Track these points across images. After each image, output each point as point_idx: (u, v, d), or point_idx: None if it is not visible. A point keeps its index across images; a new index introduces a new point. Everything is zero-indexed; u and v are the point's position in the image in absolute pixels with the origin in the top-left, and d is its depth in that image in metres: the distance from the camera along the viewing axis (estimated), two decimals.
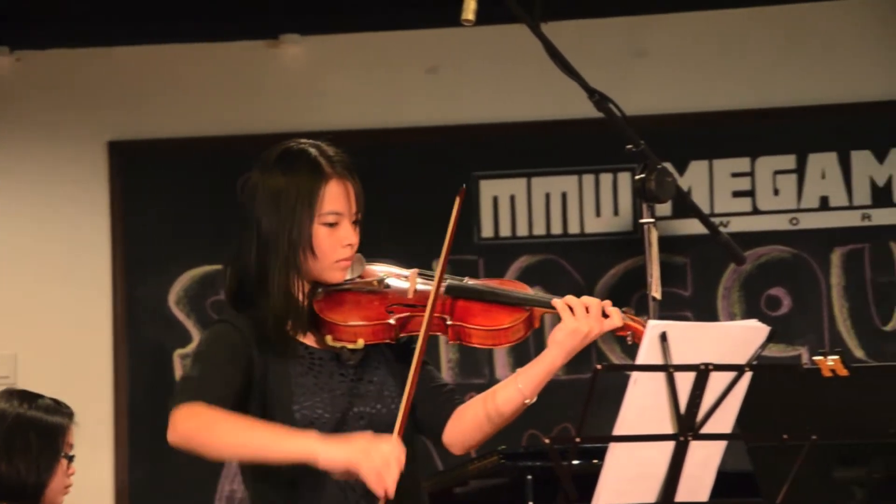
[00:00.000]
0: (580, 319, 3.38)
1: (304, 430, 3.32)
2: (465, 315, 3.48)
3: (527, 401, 3.42)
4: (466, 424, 3.52)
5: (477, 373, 6.11)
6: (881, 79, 6.08)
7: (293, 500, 3.47)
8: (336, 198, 3.42)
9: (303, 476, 3.42)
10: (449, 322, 3.46)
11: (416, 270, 3.52)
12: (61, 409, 4.52)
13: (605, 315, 3.39)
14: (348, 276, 3.48)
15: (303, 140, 3.51)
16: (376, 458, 3.19)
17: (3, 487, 4.47)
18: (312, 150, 3.46)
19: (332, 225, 3.41)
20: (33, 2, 6.12)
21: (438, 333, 3.47)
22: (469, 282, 3.55)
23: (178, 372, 6.25)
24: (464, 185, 3.39)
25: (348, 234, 3.42)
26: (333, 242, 3.42)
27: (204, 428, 3.30)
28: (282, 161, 3.47)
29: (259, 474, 3.49)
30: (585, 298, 3.41)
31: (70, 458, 4.47)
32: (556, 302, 3.42)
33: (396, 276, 3.51)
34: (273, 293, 3.42)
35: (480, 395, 3.51)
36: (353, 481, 3.38)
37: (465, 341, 3.52)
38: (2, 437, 4.48)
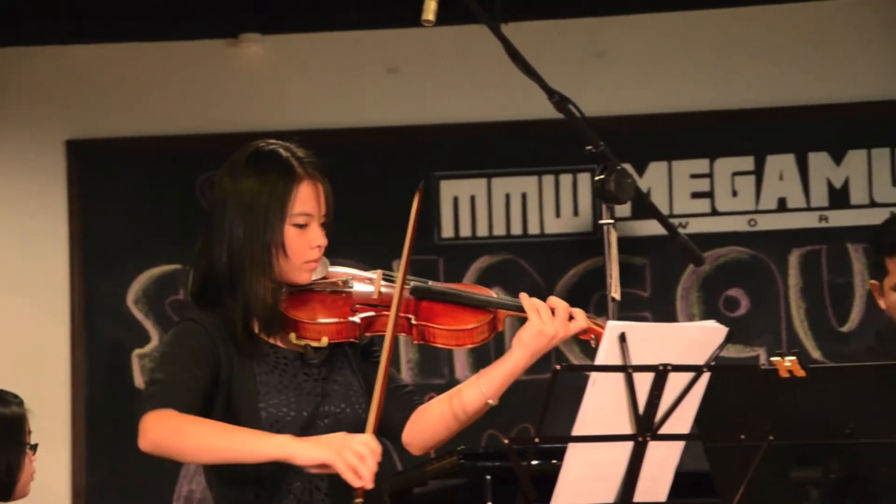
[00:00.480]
0: (547, 322, 3.40)
1: (276, 432, 3.34)
2: (430, 315, 3.50)
3: (489, 402, 3.45)
4: (427, 425, 3.54)
5: (437, 373, 6.14)
6: (837, 82, 6.12)
7: (259, 502, 3.49)
8: (307, 199, 3.44)
9: (268, 478, 3.45)
10: (414, 322, 3.49)
11: (380, 272, 3.53)
12: (13, 400, 4.54)
13: (570, 318, 3.42)
14: (314, 278, 3.50)
15: (272, 141, 3.53)
16: (350, 454, 3.20)
17: None
18: (283, 152, 3.48)
19: (302, 226, 3.43)
20: None
21: (403, 334, 3.48)
22: (434, 284, 3.56)
23: (137, 371, 6.25)
24: (422, 182, 3.40)
25: (317, 236, 3.45)
26: (303, 243, 3.44)
27: (176, 434, 3.30)
28: (252, 162, 3.48)
29: (225, 477, 3.50)
30: (552, 300, 3.43)
31: (34, 448, 4.51)
32: (525, 303, 3.44)
33: (361, 279, 3.53)
34: (243, 293, 3.43)
35: (442, 395, 3.54)
36: (319, 480, 3.42)
37: (429, 341, 3.53)
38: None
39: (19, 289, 6.32)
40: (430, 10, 3.55)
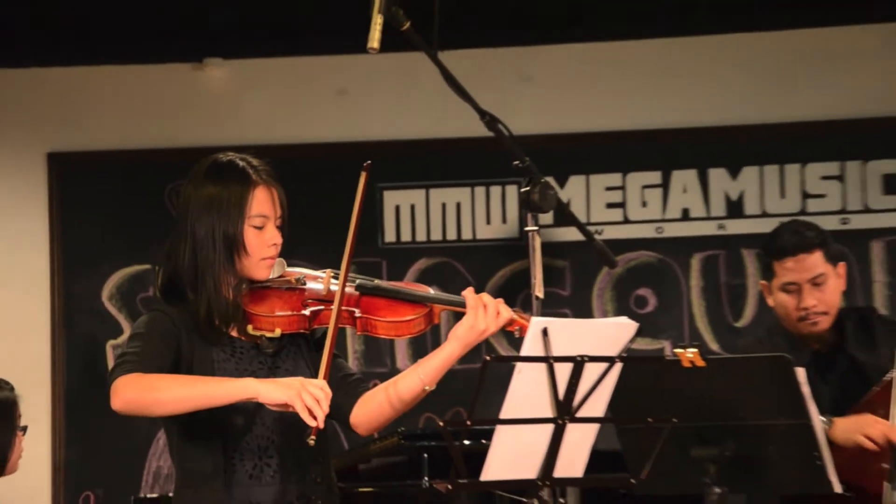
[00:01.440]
0: (479, 318, 3.43)
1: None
2: (372, 309, 3.51)
3: (427, 388, 3.46)
4: (372, 409, 3.54)
5: (380, 363, 6.14)
6: (733, 106, 6.17)
7: (214, 477, 3.46)
8: (262, 202, 3.47)
9: (224, 455, 3.46)
10: (357, 315, 3.50)
11: (329, 271, 3.54)
12: (4, 386, 4.53)
13: (499, 315, 3.45)
14: (272, 276, 3.53)
15: (230, 153, 3.54)
16: (308, 396, 3.24)
17: None
18: (240, 162, 3.50)
19: (259, 228, 3.46)
20: None
21: (347, 325, 3.51)
22: (378, 282, 3.58)
23: (111, 360, 5.86)
24: (368, 161, 3.49)
25: (273, 235, 3.48)
26: (260, 242, 3.45)
27: (147, 390, 3.31)
28: (212, 171, 3.51)
29: (185, 454, 3.49)
30: (485, 297, 3.45)
31: (24, 429, 4.52)
32: (469, 299, 3.45)
33: (313, 277, 3.55)
34: (206, 288, 3.44)
35: (384, 383, 3.53)
36: (268, 458, 3.46)
37: (370, 332, 3.54)
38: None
39: (4, 287, 6.31)
40: (374, 39, 3.60)
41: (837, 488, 3.99)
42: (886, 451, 4.09)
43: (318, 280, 3.58)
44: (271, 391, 3.29)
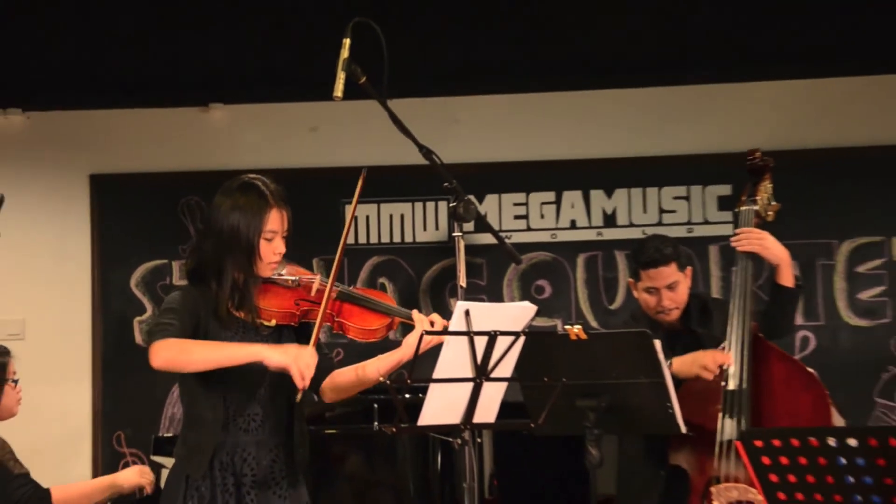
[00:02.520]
0: (422, 329, 3.41)
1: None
2: (347, 315, 3.52)
3: (381, 378, 3.50)
4: (337, 384, 3.58)
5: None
6: (609, 143, 6.17)
7: (214, 424, 3.46)
8: (274, 221, 3.47)
9: (221, 407, 3.47)
10: (336, 318, 3.52)
11: (319, 277, 3.55)
12: (2, 351, 4.33)
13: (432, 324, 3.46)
14: (273, 274, 3.52)
15: (254, 175, 3.55)
16: (301, 362, 3.27)
17: None
18: (261, 185, 3.50)
19: (269, 240, 3.46)
20: (40, 74, 6.08)
21: (327, 323, 3.51)
22: (354, 290, 3.58)
23: (137, 333, 6.17)
24: (364, 169, 3.52)
25: (279, 246, 3.48)
26: (269, 251, 3.46)
27: (182, 352, 3.32)
28: (241, 189, 3.50)
29: (194, 401, 3.50)
30: (434, 316, 3.48)
31: (15, 381, 4.33)
32: (416, 318, 3.48)
33: (305, 281, 3.54)
34: (225, 280, 3.45)
35: (350, 367, 3.57)
36: (255, 413, 3.47)
37: (344, 333, 3.56)
38: None
39: (56, 278, 6.25)
40: (339, 89, 3.60)
41: (683, 430, 4.03)
42: (719, 397, 4.12)
43: (310, 284, 3.55)
44: (274, 356, 3.30)
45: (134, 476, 4.34)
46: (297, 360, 3.27)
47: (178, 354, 3.32)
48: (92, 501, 4.54)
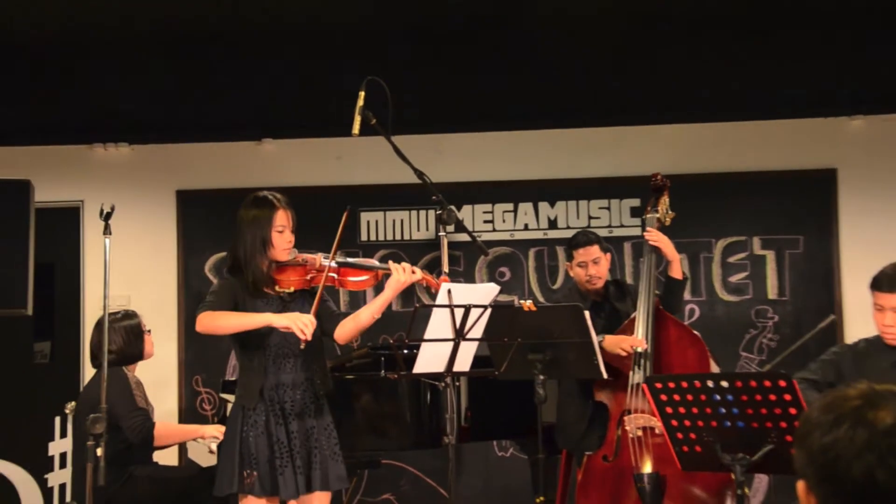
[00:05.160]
0: (398, 273, 3.45)
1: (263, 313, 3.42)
2: (344, 275, 3.54)
3: (375, 316, 3.51)
4: (346, 329, 3.57)
5: (356, 305, 6.01)
6: (551, 167, 6.15)
7: (258, 369, 3.50)
8: (281, 218, 3.51)
9: (262, 352, 3.50)
10: (337, 278, 3.53)
11: (320, 254, 3.56)
12: (134, 314, 4.51)
13: (413, 273, 3.47)
14: (289, 258, 3.52)
15: (266, 191, 3.59)
16: (299, 321, 3.29)
17: (122, 355, 4.45)
18: (269, 195, 3.55)
19: (280, 232, 3.49)
20: (141, 117, 6.06)
21: (330, 284, 3.51)
22: (347, 259, 3.59)
23: None
24: (348, 207, 3.50)
25: (287, 236, 3.51)
26: (281, 240, 3.50)
27: (214, 320, 3.38)
28: (255, 200, 3.56)
29: (245, 351, 3.52)
30: (404, 264, 3.49)
31: (149, 331, 4.50)
32: (392, 265, 3.49)
33: (311, 259, 3.55)
34: (252, 267, 3.48)
35: (351, 315, 3.58)
36: (289, 352, 3.49)
37: (344, 287, 3.60)
38: (128, 331, 4.48)
39: (153, 266, 6.24)
40: (356, 128, 3.67)
41: (605, 376, 4.05)
42: (632, 353, 4.13)
43: (313, 259, 3.54)
44: (278, 320, 3.34)
45: (213, 430, 4.38)
46: (296, 321, 3.30)
47: (211, 321, 3.39)
48: (182, 440, 4.62)
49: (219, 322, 3.38)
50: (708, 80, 5.79)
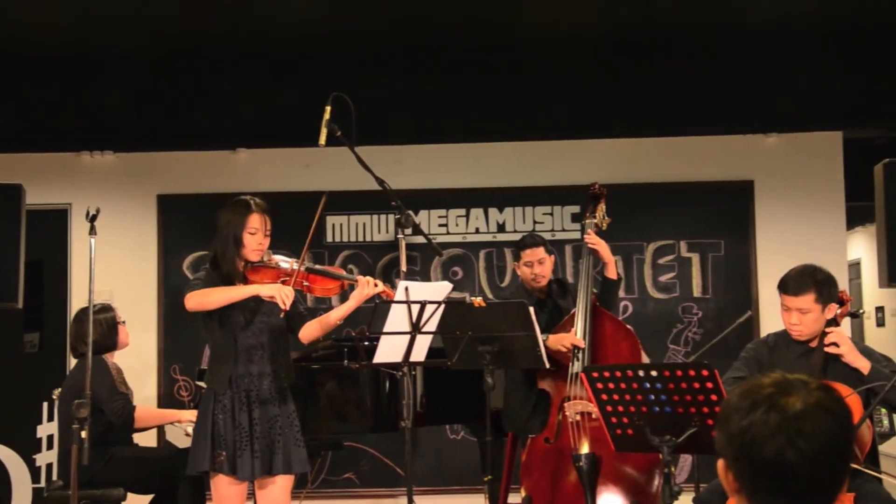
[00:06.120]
0: (363, 287, 3.40)
1: (248, 285, 3.37)
2: (312, 281, 3.48)
3: (339, 322, 3.48)
4: (310, 331, 3.54)
5: (325, 307, 6.03)
6: (499, 176, 6.13)
7: (227, 357, 3.42)
8: (255, 221, 3.46)
9: (235, 346, 3.43)
10: (305, 284, 3.47)
11: (293, 259, 3.51)
12: (109, 308, 4.41)
13: (376, 286, 3.41)
14: (263, 259, 3.47)
15: (246, 195, 3.53)
16: (282, 292, 3.25)
17: (99, 345, 4.33)
18: (248, 199, 3.51)
19: (253, 234, 3.45)
20: (124, 126, 5.96)
21: (299, 288, 3.45)
22: (316, 266, 3.54)
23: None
24: (326, 193, 3.46)
25: (260, 238, 3.45)
26: (252, 242, 3.44)
27: (204, 296, 3.32)
28: (234, 204, 3.52)
29: (214, 344, 3.47)
30: (368, 277, 3.43)
31: (123, 323, 4.38)
32: (359, 278, 3.44)
33: (285, 262, 3.51)
34: (226, 264, 3.44)
35: (318, 318, 3.54)
36: (261, 340, 3.42)
37: (312, 293, 3.54)
38: (103, 323, 4.38)
39: (134, 263, 6.15)
40: (322, 139, 3.65)
41: (547, 366, 4.05)
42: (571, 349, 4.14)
43: (286, 263, 3.50)
44: (265, 289, 3.31)
45: (189, 415, 4.33)
46: (280, 291, 3.28)
47: (201, 298, 3.33)
48: (160, 423, 4.54)
49: (210, 297, 3.33)
50: (640, 101, 5.85)
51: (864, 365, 3.29)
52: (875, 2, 5.25)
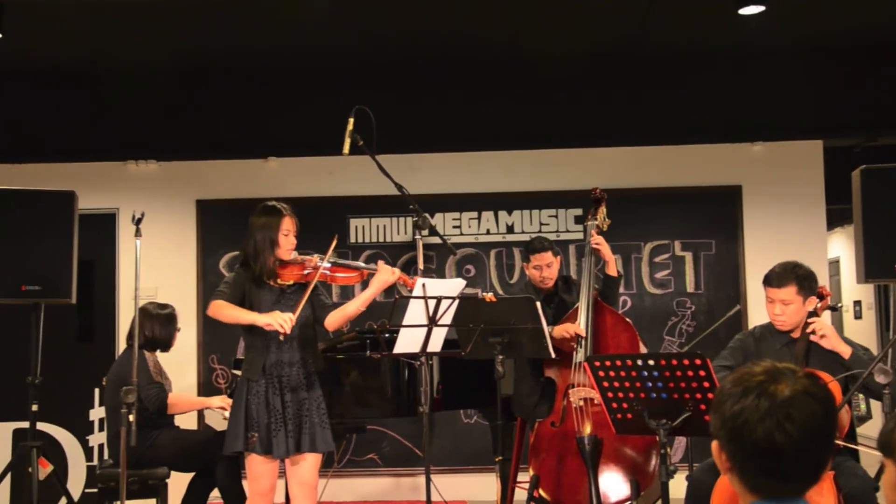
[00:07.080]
0: (384, 273, 3.41)
1: (256, 312, 3.39)
2: (335, 271, 3.50)
3: (361, 309, 3.47)
4: (335, 319, 3.53)
5: (346, 297, 5.96)
6: (511, 182, 6.13)
7: (261, 349, 3.44)
8: (287, 223, 3.48)
9: (265, 339, 3.46)
10: (329, 275, 3.49)
11: (317, 256, 3.53)
12: (170, 308, 4.48)
13: (394, 274, 3.42)
14: (291, 258, 3.49)
15: (273, 201, 3.55)
16: (277, 319, 3.26)
17: (153, 341, 4.42)
18: (277, 204, 3.52)
19: (286, 235, 3.47)
20: (167, 136, 5.99)
21: (323, 280, 3.47)
22: (339, 259, 3.55)
23: None
24: (336, 235, 3.48)
25: (291, 240, 3.47)
26: (286, 242, 3.46)
27: (219, 309, 3.34)
28: (265, 209, 3.53)
29: (248, 337, 3.48)
30: (389, 266, 3.45)
31: (178, 329, 4.48)
32: (380, 265, 3.46)
33: (309, 259, 3.52)
34: (260, 262, 3.44)
35: (342, 306, 3.54)
36: (286, 343, 3.44)
37: (336, 283, 3.55)
38: (161, 320, 4.43)
39: (176, 262, 6.16)
40: (345, 148, 3.64)
41: (553, 355, 4.04)
42: (576, 338, 4.13)
43: (311, 260, 3.51)
44: (262, 319, 3.31)
45: (218, 401, 4.36)
46: (274, 318, 3.27)
47: (216, 310, 3.38)
48: (192, 409, 4.58)
49: (221, 312, 3.39)
50: (637, 112, 5.85)
51: (845, 350, 3.31)
52: (853, 21, 5.27)
